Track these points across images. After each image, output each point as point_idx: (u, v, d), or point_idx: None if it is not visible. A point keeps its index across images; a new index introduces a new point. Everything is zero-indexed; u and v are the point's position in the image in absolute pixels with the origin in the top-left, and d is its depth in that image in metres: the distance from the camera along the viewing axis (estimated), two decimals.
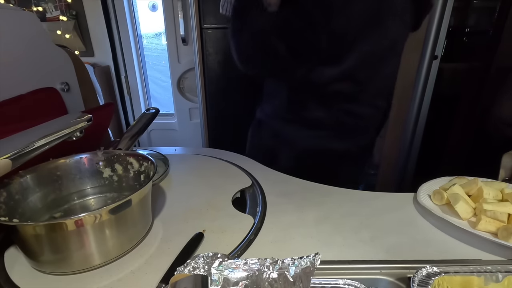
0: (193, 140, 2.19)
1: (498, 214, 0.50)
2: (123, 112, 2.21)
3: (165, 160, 0.77)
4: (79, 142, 0.54)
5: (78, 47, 1.96)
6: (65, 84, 0.78)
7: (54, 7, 1.86)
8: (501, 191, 0.56)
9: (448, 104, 1.56)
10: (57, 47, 0.77)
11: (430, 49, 1.33)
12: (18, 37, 0.67)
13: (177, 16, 1.87)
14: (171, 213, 0.58)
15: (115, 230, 0.44)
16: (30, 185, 0.51)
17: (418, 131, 1.45)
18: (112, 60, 2.03)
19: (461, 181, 0.60)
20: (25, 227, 0.40)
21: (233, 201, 0.62)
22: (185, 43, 1.91)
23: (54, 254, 0.42)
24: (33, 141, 0.44)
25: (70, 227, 0.40)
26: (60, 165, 0.55)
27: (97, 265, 0.44)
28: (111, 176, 0.59)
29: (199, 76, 1.52)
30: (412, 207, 0.60)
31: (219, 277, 0.36)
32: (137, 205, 0.47)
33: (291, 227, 0.54)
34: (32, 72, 0.70)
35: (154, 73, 2.24)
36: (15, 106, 0.63)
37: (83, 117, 0.54)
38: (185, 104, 2.15)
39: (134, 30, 2.03)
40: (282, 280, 0.35)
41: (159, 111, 0.77)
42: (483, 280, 0.38)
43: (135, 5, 2.01)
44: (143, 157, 0.57)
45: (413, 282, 0.37)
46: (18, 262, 0.45)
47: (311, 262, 0.36)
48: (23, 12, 0.70)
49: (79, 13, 1.91)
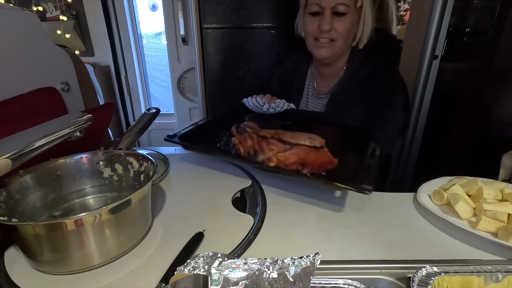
0: None
1: (498, 214, 0.50)
2: (123, 112, 2.21)
3: (165, 160, 0.77)
4: (79, 142, 0.54)
5: (78, 47, 1.96)
6: (65, 84, 0.78)
7: (54, 7, 1.86)
8: (501, 191, 0.56)
9: (448, 104, 1.56)
10: (57, 47, 0.77)
11: (430, 49, 1.33)
12: (18, 37, 0.67)
13: (177, 16, 1.87)
14: (171, 213, 0.58)
15: (115, 229, 0.44)
16: (30, 184, 0.51)
17: (418, 131, 1.45)
18: (112, 60, 2.03)
19: (461, 181, 0.60)
20: (24, 226, 0.40)
21: (233, 201, 0.62)
22: (185, 43, 1.91)
23: (54, 254, 0.42)
24: (33, 141, 0.44)
25: (70, 227, 0.40)
26: (60, 165, 0.55)
27: (96, 264, 0.44)
28: (111, 176, 0.59)
29: (199, 76, 1.52)
30: (412, 207, 0.60)
31: (219, 277, 0.36)
32: (137, 204, 0.47)
33: (291, 226, 0.54)
34: (32, 72, 0.70)
35: (154, 73, 2.24)
36: (15, 106, 0.63)
37: (83, 117, 0.54)
38: (185, 104, 2.15)
39: (134, 30, 2.03)
40: (282, 280, 0.35)
41: (159, 111, 0.77)
42: (483, 280, 0.38)
43: (135, 5, 2.00)
44: (143, 157, 0.57)
45: (413, 282, 0.37)
46: (18, 262, 0.45)
47: (311, 262, 0.36)
48: (23, 12, 0.70)
49: (79, 13, 1.91)
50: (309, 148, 0.57)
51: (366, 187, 0.49)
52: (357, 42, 0.86)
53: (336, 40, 0.81)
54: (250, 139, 0.62)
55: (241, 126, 0.69)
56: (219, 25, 1.41)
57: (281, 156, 0.56)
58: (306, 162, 0.56)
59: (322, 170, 0.58)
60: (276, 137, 0.60)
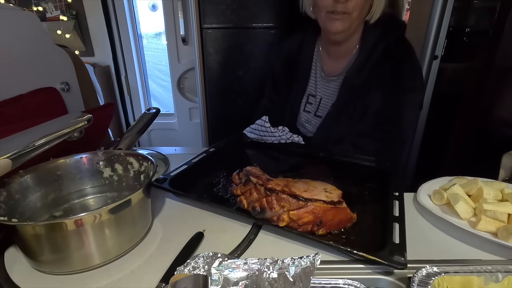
0: (193, 140, 2.19)
1: (498, 214, 0.50)
2: (123, 112, 2.21)
3: (165, 160, 0.77)
4: (79, 142, 0.54)
5: (78, 47, 1.97)
6: (65, 84, 0.78)
7: (54, 7, 1.86)
8: (501, 191, 0.56)
9: (448, 104, 1.56)
10: (57, 47, 0.77)
11: (430, 49, 1.33)
12: (18, 37, 0.67)
13: (177, 16, 1.87)
14: (171, 213, 0.58)
15: (114, 229, 0.44)
16: (30, 184, 0.51)
17: (418, 131, 1.45)
18: (112, 60, 2.03)
19: (461, 181, 0.60)
20: (24, 226, 0.40)
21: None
22: (185, 43, 1.91)
23: (54, 254, 0.42)
24: (33, 141, 0.44)
25: (70, 227, 0.40)
26: (60, 165, 0.55)
27: (96, 264, 0.44)
28: (111, 176, 0.59)
29: (199, 76, 1.52)
30: (412, 207, 0.60)
31: (219, 277, 0.36)
32: (137, 205, 0.47)
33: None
34: (32, 72, 0.70)
35: (154, 73, 2.24)
36: (15, 106, 0.63)
37: (83, 117, 0.54)
38: (185, 104, 2.15)
39: (134, 30, 2.03)
40: (282, 280, 0.35)
41: (160, 111, 0.77)
42: (483, 280, 0.38)
43: (135, 5, 2.01)
44: (143, 157, 0.57)
45: (413, 282, 0.37)
46: (18, 262, 0.45)
47: (311, 262, 0.36)
48: (23, 12, 0.70)
49: (79, 13, 1.91)
50: (326, 204, 0.48)
51: (399, 260, 0.41)
52: (371, 15, 0.78)
53: (351, 13, 0.74)
54: (256, 192, 0.52)
55: (244, 173, 0.58)
56: (219, 25, 1.41)
57: (293, 214, 0.48)
58: (323, 221, 0.48)
59: (340, 228, 0.51)
60: (287, 191, 0.50)
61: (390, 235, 0.46)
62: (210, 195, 0.61)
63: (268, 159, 0.82)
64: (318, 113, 0.90)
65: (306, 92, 0.92)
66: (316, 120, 0.90)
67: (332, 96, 0.87)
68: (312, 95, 0.92)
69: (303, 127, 0.94)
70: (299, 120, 0.95)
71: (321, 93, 0.90)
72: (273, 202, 0.49)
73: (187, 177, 0.65)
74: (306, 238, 0.48)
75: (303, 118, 0.94)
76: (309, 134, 0.92)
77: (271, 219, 0.49)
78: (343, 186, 0.55)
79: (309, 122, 0.92)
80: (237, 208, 0.55)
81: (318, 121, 0.89)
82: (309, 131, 0.92)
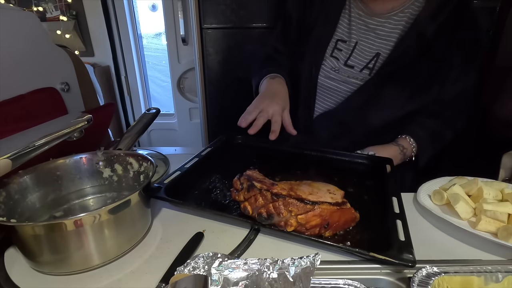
0: (193, 140, 2.19)
1: (498, 214, 0.50)
2: (123, 112, 2.21)
3: (165, 160, 0.77)
4: (79, 142, 0.54)
5: (78, 47, 1.97)
6: (65, 84, 0.78)
7: (54, 7, 1.86)
8: (501, 191, 0.56)
9: None
10: (57, 47, 0.77)
11: None
12: (18, 37, 0.67)
13: (177, 16, 1.87)
14: (171, 213, 0.58)
15: (114, 230, 0.44)
16: (29, 185, 0.51)
17: None
18: (112, 60, 2.04)
19: (461, 181, 0.60)
20: (23, 227, 0.40)
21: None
22: (185, 43, 1.91)
23: (53, 255, 0.42)
24: (33, 141, 0.44)
25: (69, 227, 0.40)
26: (60, 165, 0.55)
27: (96, 265, 0.44)
28: (111, 176, 0.59)
29: (199, 76, 1.52)
30: (412, 207, 0.60)
31: (219, 277, 0.36)
32: (137, 205, 0.47)
33: None
34: (32, 72, 0.70)
35: (154, 73, 2.24)
36: (15, 106, 0.63)
37: (83, 117, 0.54)
38: (185, 104, 2.15)
39: (134, 30, 2.04)
40: (282, 280, 0.35)
41: (160, 111, 0.77)
42: (483, 280, 0.38)
43: (135, 5, 2.01)
44: (142, 157, 0.57)
45: (413, 282, 0.37)
46: (18, 262, 0.45)
47: (311, 262, 0.36)
48: (23, 12, 0.70)
49: (79, 13, 1.91)
50: (332, 206, 0.48)
51: (408, 258, 0.41)
52: None
53: None
54: (262, 197, 0.50)
55: (245, 178, 0.55)
56: (219, 25, 1.41)
57: (301, 219, 0.47)
58: (330, 223, 0.48)
59: (345, 229, 0.51)
60: (293, 195, 0.49)
61: (395, 233, 0.46)
62: (209, 202, 0.60)
63: (263, 160, 0.78)
64: (349, 62, 0.73)
65: (334, 37, 0.75)
66: (346, 72, 0.73)
67: (376, 44, 0.70)
68: (343, 41, 0.74)
69: (326, 82, 0.76)
70: (321, 71, 0.77)
71: (357, 37, 0.73)
72: (281, 207, 0.48)
73: (182, 183, 0.62)
74: (313, 241, 0.47)
75: (329, 65, 0.76)
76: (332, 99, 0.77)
77: (278, 225, 0.49)
78: (341, 185, 0.56)
79: (337, 70, 0.75)
80: (239, 214, 0.54)
81: (349, 73, 0.73)
82: (332, 92, 0.76)
